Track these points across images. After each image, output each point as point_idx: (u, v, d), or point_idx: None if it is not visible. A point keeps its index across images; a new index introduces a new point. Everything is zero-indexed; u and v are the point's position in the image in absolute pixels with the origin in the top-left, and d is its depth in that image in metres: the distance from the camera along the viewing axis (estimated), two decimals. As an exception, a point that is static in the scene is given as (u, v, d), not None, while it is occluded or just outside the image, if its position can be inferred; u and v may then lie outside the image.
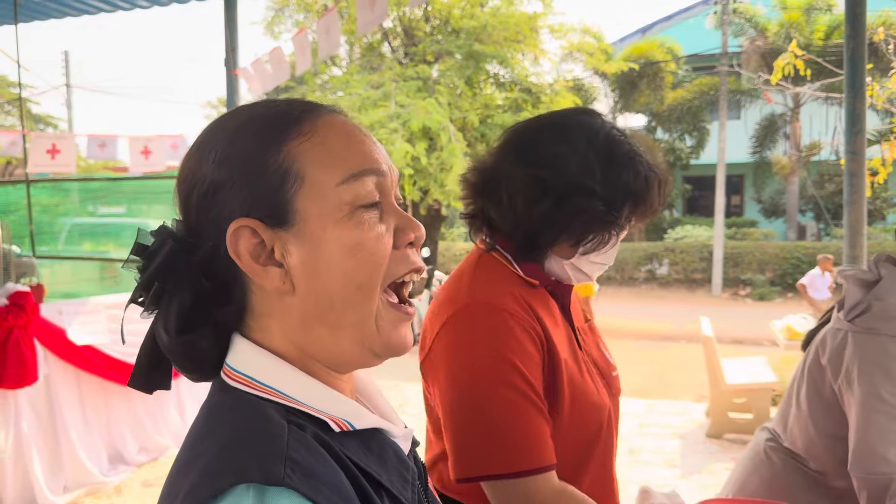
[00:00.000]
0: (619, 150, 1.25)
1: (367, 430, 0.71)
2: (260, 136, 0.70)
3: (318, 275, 0.69)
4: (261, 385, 0.68)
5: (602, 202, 1.22)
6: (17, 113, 22.25)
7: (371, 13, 3.52)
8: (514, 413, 1.15)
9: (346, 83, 12.66)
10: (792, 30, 16.90)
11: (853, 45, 3.75)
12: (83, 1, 6.34)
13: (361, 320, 0.70)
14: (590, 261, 1.29)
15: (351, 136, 0.72)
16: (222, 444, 0.62)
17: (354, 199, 0.70)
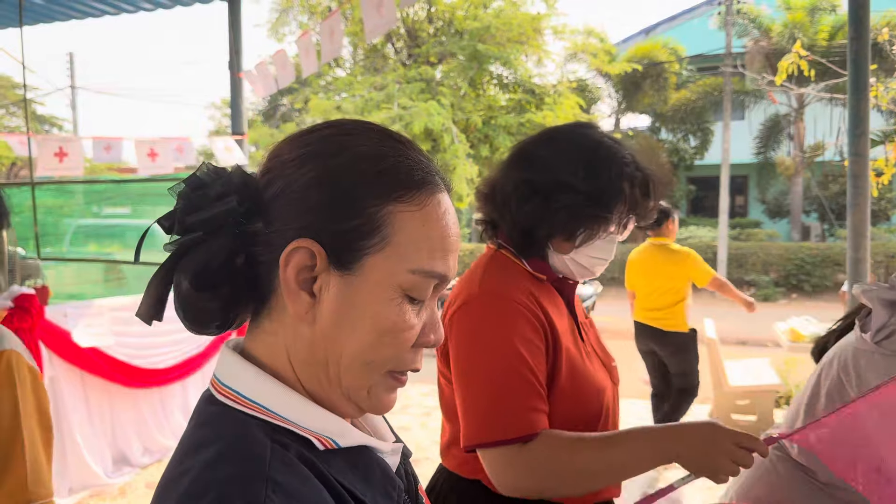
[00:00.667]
0: (603, 153, 1.38)
1: (353, 447, 0.71)
2: (374, 180, 0.68)
3: (340, 327, 0.68)
4: (246, 401, 0.68)
5: (586, 199, 1.35)
6: (22, 114, 22.33)
7: (379, 18, 3.51)
8: (516, 386, 1.28)
9: (349, 85, 12.68)
10: (796, 30, 16.86)
11: (856, 47, 3.75)
12: (87, 3, 6.37)
13: (356, 388, 0.70)
14: (587, 255, 1.41)
15: (446, 229, 0.71)
16: (206, 463, 0.62)
17: (410, 287, 0.69)
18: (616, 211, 1.37)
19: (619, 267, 19.60)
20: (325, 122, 0.74)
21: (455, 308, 1.38)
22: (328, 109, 11.97)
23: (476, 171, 11.34)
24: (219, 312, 0.70)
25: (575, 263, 1.42)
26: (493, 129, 11.76)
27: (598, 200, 1.35)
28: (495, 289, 1.36)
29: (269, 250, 0.68)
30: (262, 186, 0.70)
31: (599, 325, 8.22)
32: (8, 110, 23.52)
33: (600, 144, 1.40)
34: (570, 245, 1.39)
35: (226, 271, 0.68)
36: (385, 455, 0.75)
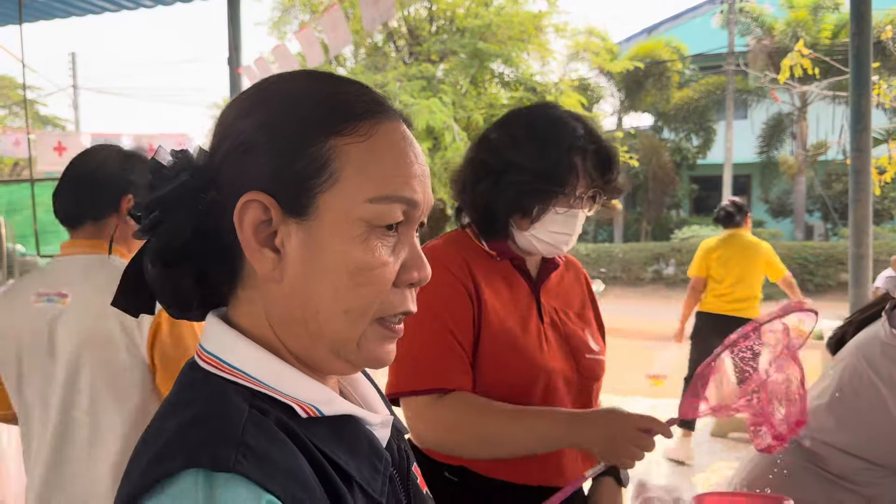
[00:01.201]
0: (552, 129, 1.41)
1: (338, 416, 0.69)
2: (312, 118, 0.66)
3: (310, 279, 0.65)
4: (228, 367, 0.66)
5: (533, 175, 1.38)
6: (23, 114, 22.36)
7: (376, 9, 3.49)
8: (435, 344, 1.35)
9: (350, 83, 12.70)
10: (799, 29, 16.83)
11: (858, 43, 3.73)
12: (88, 0, 6.36)
13: (342, 339, 0.67)
14: (548, 231, 1.42)
15: (402, 155, 0.68)
16: (180, 425, 0.61)
17: (376, 218, 0.65)
18: (569, 185, 1.39)
19: (621, 266, 19.54)
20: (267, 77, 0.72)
21: None
22: (329, 108, 11.97)
23: (477, 169, 11.33)
24: (194, 290, 0.69)
25: (537, 240, 1.44)
26: (495, 128, 11.76)
27: (546, 176, 1.38)
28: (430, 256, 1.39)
29: (227, 215, 0.65)
30: (212, 153, 0.69)
31: (600, 323, 8.00)
32: (11, 110, 23.56)
33: (551, 121, 1.43)
34: (527, 221, 1.42)
35: (189, 246, 0.66)
36: (374, 427, 0.72)
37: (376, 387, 0.83)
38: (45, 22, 6.89)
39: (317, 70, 0.72)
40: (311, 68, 0.70)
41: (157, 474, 0.57)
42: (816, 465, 1.55)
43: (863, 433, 1.51)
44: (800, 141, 18.81)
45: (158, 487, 0.56)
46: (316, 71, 0.72)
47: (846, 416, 1.53)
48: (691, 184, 21.86)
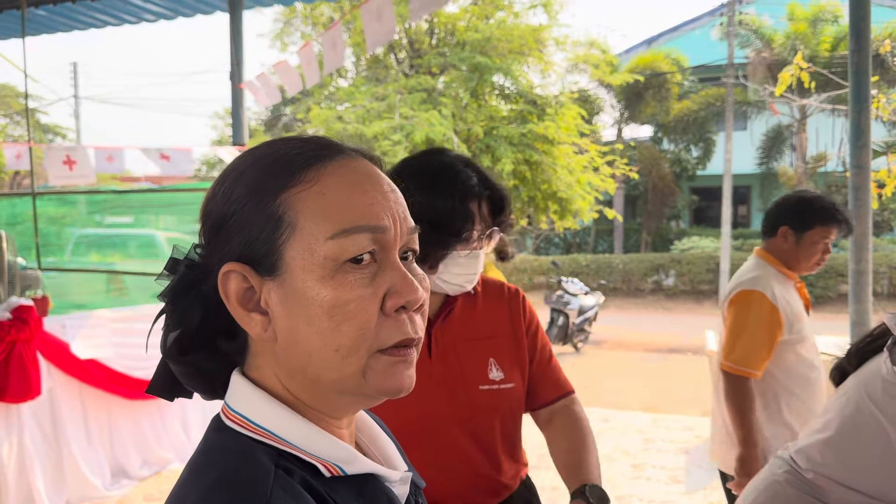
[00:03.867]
0: (445, 179, 1.47)
1: (359, 475, 0.70)
2: (261, 179, 0.69)
3: (297, 330, 0.67)
4: (254, 426, 0.68)
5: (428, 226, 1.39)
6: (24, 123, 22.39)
7: (379, 28, 3.51)
8: None
9: (351, 95, 12.72)
10: (798, 41, 16.88)
11: (857, 59, 3.75)
12: (90, 15, 6.41)
13: (341, 378, 0.68)
14: (452, 273, 1.50)
15: (355, 186, 0.69)
16: (207, 488, 0.62)
17: (339, 254, 0.66)
18: (466, 231, 1.46)
19: (620, 277, 19.49)
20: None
21: None
22: (330, 119, 11.99)
23: (478, 181, 11.32)
24: (216, 371, 0.73)
25: (443, 282, 1.51)
26: (495, 140, 11.76)
27: (442, 226, 1.44)
28: None
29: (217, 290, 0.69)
30: (201, 227, 0.73)
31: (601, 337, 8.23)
32: (12, 119, 23.60)
33: (445, 169, 1.49)
34: (429, 269, 1.47)
35: (203, 329, 0.71)
36: (393, 484, 0.74)
37: (394, 441, 0.84)
38: (48, 35, 6.94)
39: (270, 139, 0.76)
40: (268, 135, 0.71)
41: None
42: (817, 498, 1.55)
43: (864, 468, 1.51)
44: (799, 152, 18.84)
45: None
46: (268, 140, 0.75)
47: (847, 451, 1.53)
48: (691, 195, 21.89)
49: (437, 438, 1.49)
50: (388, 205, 0.70)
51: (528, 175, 11.87)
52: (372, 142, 11.07)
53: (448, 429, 1.50)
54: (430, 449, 1.47)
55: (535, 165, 11.87)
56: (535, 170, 11.87)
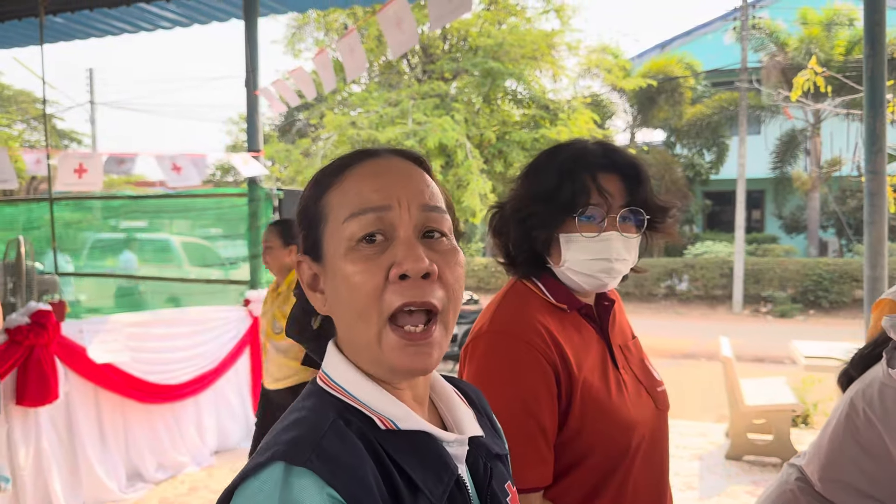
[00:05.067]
0: (556, 154, 1.38)
1: (415, 431, 0.81)
2: (313, 188, 0.87)
3: (338, 302, 0.82)
4: (333, 383, 0.83)
5: (534, 202, 1.35)
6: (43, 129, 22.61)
7: (401, 34, 3.51)
8: (518, 436, 1.22)
9: (364, 100, 12.76)
10: (812, 45, 16.80)
11: (872, 65, 3.74)
12: (107, 22, 6.47)
13: (367, 343, 0.80)
14: (580, 259, 1.34)
15: (367, 178, 0.82)
16: (282, 428, 0.77)
17: (352, 235, 0.80)
18: (580, 206, 1.32)
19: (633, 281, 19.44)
20: None
21: (468, 340, 1.37)
22: (343, 125, 12.04)
23: (490, 186, 11.36)
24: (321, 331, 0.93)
25: (573, 272, 1.36)
26: (507, 145, 11.77)
27: (546, 199, 1.34)
28: (505, 327, 1.33)
29: None
30: None
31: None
32: (29, 125, 23.84)
33: (556, 148, 1.40)
34: (556, 256, 1.36)
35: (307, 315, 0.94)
36: (448, 445, 0.84)
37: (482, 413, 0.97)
38: (65, 43, 7.02)
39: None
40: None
41: (255, 461, 0.73)
42: None
43: (866, 473, 1.51)
44: (813, 157, 18.73)
45: (254, 472, 0.72)
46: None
47: (849, 457, 1.54)
48: (704, 199, 21.79)
49: (647, 450, 1.37)
50: (394, 189, 0.81)
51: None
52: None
53: (649, 441, 1.39)
54: (646, 465, 1.38)
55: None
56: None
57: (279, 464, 0.71)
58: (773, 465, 5.10)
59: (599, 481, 1.32)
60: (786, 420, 5.25)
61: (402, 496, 0.75)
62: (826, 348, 5.58)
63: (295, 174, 12.48)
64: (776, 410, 5.27)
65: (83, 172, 5.21)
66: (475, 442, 0.88)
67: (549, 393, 1.28)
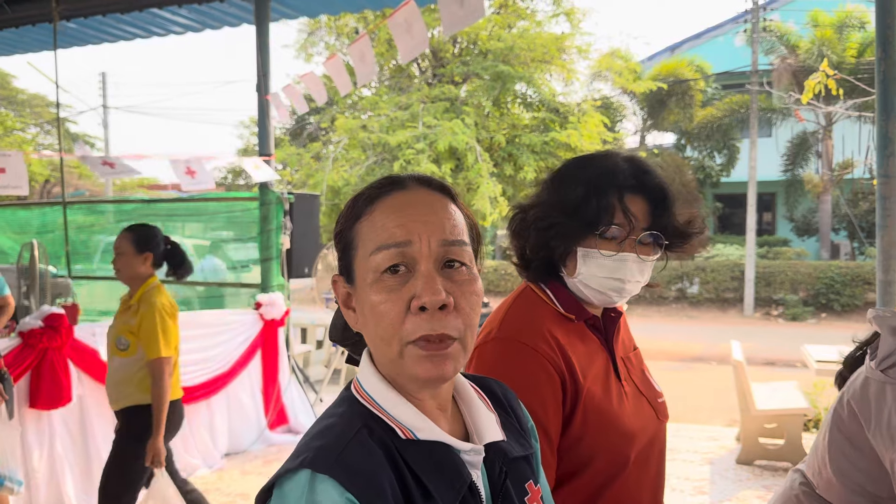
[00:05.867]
0: (586, 168, 1.38)
1: (432, 441, 0.87)
2: (346, 215, 0.94)
3: (366, 323, 0.90)
4: (364, 393, 0.90)
5: (559, 213, 1.35)
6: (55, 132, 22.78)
7: (411, 39, 3.53)
8: None
9: (374, 104, 12.80)
10: (824, 47, 16.71)
11: (884, 68, 3.71)
12: (120, 27, 6.52)
13: (390, 360, 0.87)
14: (594, 276, 1.35)
15: (393, 213, 0.89)
16: (314, 434, 0.86)
17: (377, 267, 0.87)
18: (601, 224, 1.32)
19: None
20: None
21: (477, 343, 1.36)
22: (354, 129, 12.08)
23: (499, 189, 11.36)
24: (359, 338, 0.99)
25: (585, 286, 1.37)
26: (517, 148, 11.78)
27: (570, 213, 1.33)
28: (514, 334, 1.35)
29: None
30: None
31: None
32: (42, 128, 24.03)
33: (587, 160, 1.39)
34: (572, 267, 1.37)
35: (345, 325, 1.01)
36: (464, 454, 0.89)
37: (508, 412, 1.03)
38: (79, 48, 7.08)
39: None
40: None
41: (287, 466, 0.82)
42: None
43: (854, 464, 1.52)
44: (825, 159, 18.63)
45: (287, 476, 0.81)
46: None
47: (837, 448, 1.55)
48: (715, 202, 21.72)
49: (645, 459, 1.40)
50: (415, 225, 0.87)
51: (551, 183, 11.86)
52: (396, 151, 11.14)
53: (649, 449, 1.41)
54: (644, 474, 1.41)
55: (558, 174, 11.84)
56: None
57: (306, 471, 0.79)
58: (784, 469, 5.08)
59: (598, 489, 1.34)
60: (797, 424, 5.22)
61: (415, 502, 0.82)
62: (838, 352, 5.55)
63: (306, 178, 12.53)
64: (788, 415, 5.24)
65: (113, 164, 5.32)
66: (493, 446, 0.93)
67: (556, 400, 1.30)
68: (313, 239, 6.74)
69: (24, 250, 5.30)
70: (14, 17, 6.27)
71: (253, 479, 4.94)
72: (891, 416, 1.42)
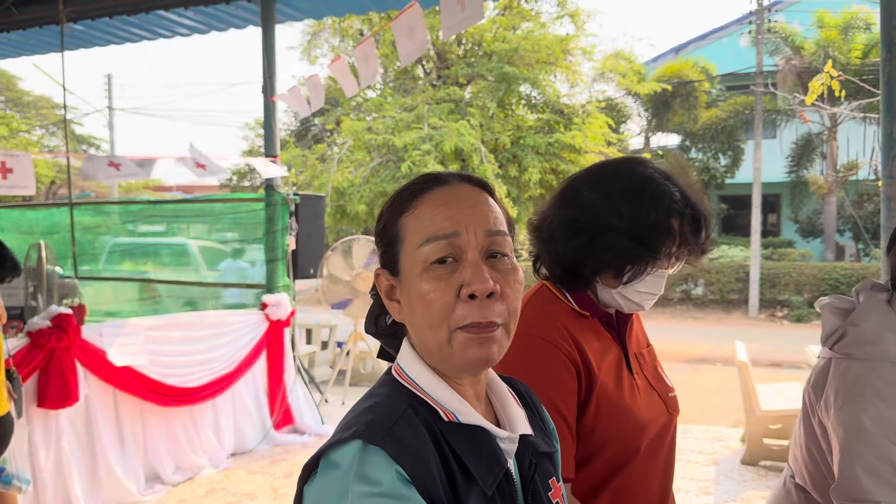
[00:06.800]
0: (650, 191, 1.41)
1: (472, 425, 0.92)
2: (390, 210, 0.98)
3: (412, 312, 0.93)
4: (406, 376, 0.95)
5: (630, 239, 1.38)
6: (61, 134, 22.86)
7: (411, 43, 3.56)
8: None
9: (380, 106, 12.82)
10: (829, 48, 16.68)
11: (889, 69, 3.71)
12: (126, 29, 6.55)
13: (437, 347, 0.91)
14: (636, 290, 1.43)
15: (440, 207, 0.93)
16: (363, 409, 0.91)
17: (426, 258, 0.91)
18: (664, 248, 1.39)
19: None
20: None
21: None
22: (359, 130, 12.10)
23: (504, 190, 11.38)
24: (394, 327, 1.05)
25: (623, 298, 1.44)
26: (522, 149, 11.79)
27: (644, 240, 1.38)
28: (532, 329, 1.39)
29: None
30: None
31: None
32: (48, 130, 24.12)
33: (648, 182, 1.42)
34: (617, 281, 1.42)
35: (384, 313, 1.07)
36: (501, 440, 0.94)
37: (534, 411, 1.08)
38: (86, 50, 7.11)
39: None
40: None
41: (338, 437, 0.86)
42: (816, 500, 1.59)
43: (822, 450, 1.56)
44: (830, 160, 18.59)
45: (336, 446, 0.85)
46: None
47: (802, 433, 1.60)
48: (720, 203, 21.69)
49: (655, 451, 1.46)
50: (462, 217, 0.92)
51: (555, 184, 11.82)
52: (401, 152, 11.15)
53: (659, 442, 1.47)
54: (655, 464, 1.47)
55: (562, 174, 11.87)
56: (561, 179, 11.84)
57: (357, 441, 0.83)
58: (789, 470, 5.08)
59: (608, 477, 1.40)
60: (802, 425, 5.22)
61: (457, 481, 0.87)
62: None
63: (311, 179, 12.56)
64: (792, 415, 5.24)
65: (119, 166, 5.35)
66: (524, 440, 0.98)
67: (573, 392, 1.37)
68: (318, 240, 6.76)
69: (32, 251, 5.33)
70: (21, 20, 6.31)
71: (259, 479, 4.96)
72: (829, 386, 1.50)
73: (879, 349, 1.49)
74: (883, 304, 1.56)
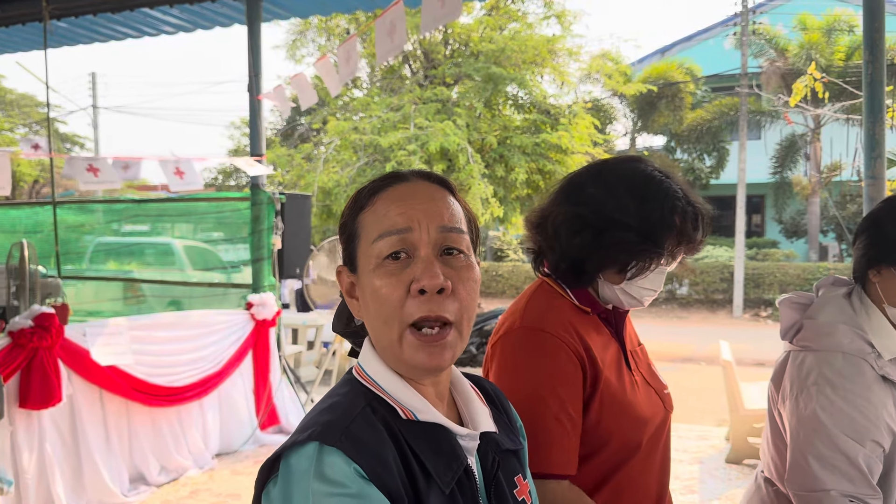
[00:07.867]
0: (653, 189, 1.43)
1: (432, 424, 0.92)
2: (352, 206, 0.99)
3: (368, 308, 0.94)
4: (366, 375, 0.95)
5: (636, 235, 1.40)
6: (45, 133, 22.64)
7: (390, 41, 3.58)
8: (547, 425, 1.33)
9: (366, 105, 12.80)
10: (812, 50, 16.82)
11: (872, 71, 3.75)
12: (111, 27, 6.51)
13: (390, 344, 0.91)
14: (638, 286, 1.44)
15: (394, 203, 0.94)
16: (320, 410, 0.91)
17: (379, 253, 0.91)
18: (667, 245, 1.41)
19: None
20: None
21: (497, 337, 1.45)
22: (346, 130, 12.07)
23: (491, 190, 11.39)
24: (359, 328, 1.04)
25: (625, 294, 1.45)
26: (509, 149, 11.80)
27: (649, 236, 1.39)
28: (537, 323, 1.40)
29: None
30: None
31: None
32: (31, 129, 23.90)
33: (651, 179, 1.44)
34: (621, 277, 1.43)
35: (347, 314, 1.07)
36: (461, 438, 0.94)
37: (499, 409, 1.08)
38: (69, 47, 7.05)
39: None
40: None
41: (295, 439, 0.86)
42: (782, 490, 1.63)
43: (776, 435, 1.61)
44: (814, 161, 18.74)
45: (293, 448, 0.84)
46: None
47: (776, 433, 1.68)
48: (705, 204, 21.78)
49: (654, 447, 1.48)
50: (415, 213, 0.92)
51: (542, 184, 11.90)
52: (387, 152, 11.13)
53: (657, 438, 1.49)
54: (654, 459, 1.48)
55: (549, 175, 11.89)
56: (548, 179, 11.89)
57: (314, 443, 0.83)
58: (773, 468, 5.12)
59: (609, 472, 1.41)
60: (786, 424, 5.26)
61: (416, 478, 0.86)
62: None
63: (297, 179, 12.51)
64: (776, 414, 5.28)
65: (97, 171, 5.29)
66: (487, 437, 0.98)
67: (580, 387, 1.38)
68: (304, 239, 6.73)
69: (14, 250, 5.27)
70: (4, 17, 6.25)
71: (244, 480, 4.94)
72: (786, 378, 1.57)
73: (833, 340, 1.54)
74: (840, 298, 1.61)
